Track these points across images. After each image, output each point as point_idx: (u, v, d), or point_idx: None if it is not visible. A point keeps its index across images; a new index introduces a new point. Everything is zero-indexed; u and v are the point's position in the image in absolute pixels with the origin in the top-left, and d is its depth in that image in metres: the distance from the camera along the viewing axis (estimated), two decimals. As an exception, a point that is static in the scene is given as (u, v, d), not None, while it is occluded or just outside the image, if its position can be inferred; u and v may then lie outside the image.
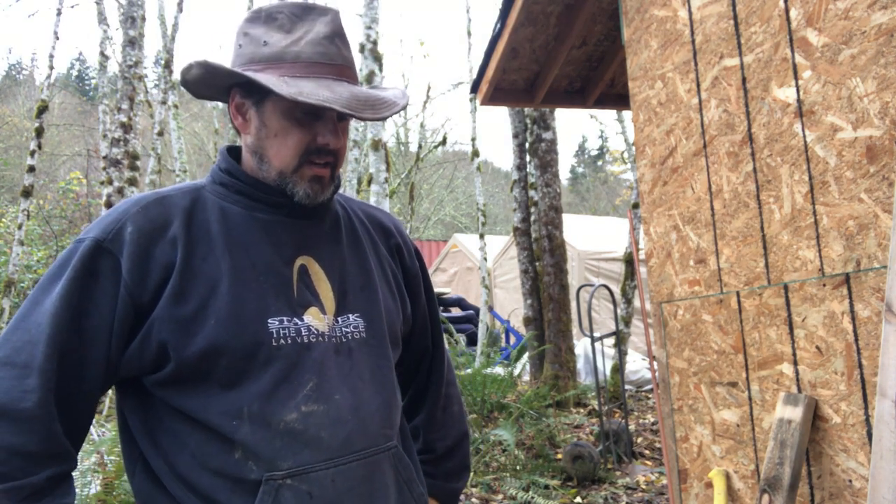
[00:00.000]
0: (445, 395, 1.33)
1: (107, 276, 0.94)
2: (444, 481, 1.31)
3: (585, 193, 34.32)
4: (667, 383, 2.17)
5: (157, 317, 0.94)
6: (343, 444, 0.98)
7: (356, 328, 1.07)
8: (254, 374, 0.96)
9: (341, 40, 1.05)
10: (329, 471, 0.96)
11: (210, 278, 0.97)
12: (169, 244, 0.97)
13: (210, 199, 1.06)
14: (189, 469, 0.96)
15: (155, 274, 0.95)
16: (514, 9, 3.04)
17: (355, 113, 0.96)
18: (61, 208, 12.31)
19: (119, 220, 0.97)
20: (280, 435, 0.95)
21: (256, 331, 0.97)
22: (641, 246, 7.40)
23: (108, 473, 3.09)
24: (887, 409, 1.26)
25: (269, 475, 0.93)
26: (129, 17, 6.19)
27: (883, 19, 1.37)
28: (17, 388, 0.87)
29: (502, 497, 3.98)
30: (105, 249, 0.94)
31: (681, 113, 2.06)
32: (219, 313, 0.95)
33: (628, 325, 6.78)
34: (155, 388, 0.97)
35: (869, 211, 1.41)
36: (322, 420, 0.97)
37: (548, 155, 6.81)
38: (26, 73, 35.96)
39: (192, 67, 1.02)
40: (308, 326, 1.01)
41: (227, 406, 0.95)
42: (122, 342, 0.94)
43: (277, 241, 1.05)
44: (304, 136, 1.02)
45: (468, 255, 13.64)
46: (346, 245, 1.14)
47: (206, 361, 0.94)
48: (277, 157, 1.03)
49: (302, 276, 1.05)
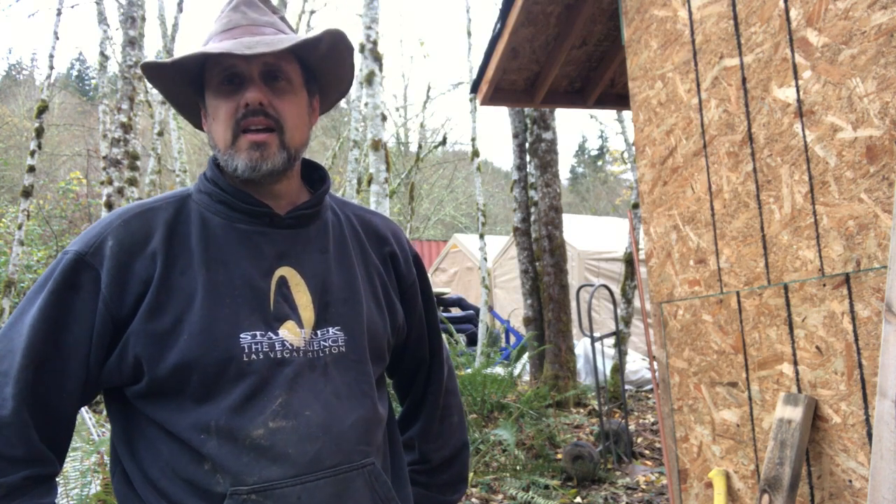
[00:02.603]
0: (444, 406, 1.29)
1: (87, 290, 0.95)
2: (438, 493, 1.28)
3: (585, 193, 34.31)
4: (667, 383, 2.17)
5: (132, 331, 0.95)
6: (312, 460, 0.96)
7: (335, 342, 1.04)
8: (224, 390, 0.96)
9: (248, 6, 1.07)
10: (296, 487, 0.94)
11: (187, 293, 0.97)
12: (149, 258, 0.98)
13: (194, 208, 1.05)
14: (161, 476, 0.96)
15: (133, 288, 0.96)
16: (514, 9, 3.04)
17: (234, 51, 0.96)
18: (61, 208, 12.31)
19: (101, 234, 0.98)
20: (246, 450, 0.94)
21: (228, 346, 0.96)
22: (641, 246, 7.40)
23: (107, 473, 3.10)
24: (887, 409, 1.26)
25: (234, 489, 0.93)
26: (129, 17, 6.19)
27: (883, 19, 1.37)
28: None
29: (502, 497, 3.98)
30: (86, 263, 0.95)
31: (681, 113, 2.05)
32: (192, 328, 0.95)
33: (628, 325, 6.78)
34: (134, 399, 0.99)
35: (869, 211, 1.41)
36: (290, 436, 0.96)
37: (548, 155, 6.81)
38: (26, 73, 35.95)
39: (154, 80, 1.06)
40: (282, 341, 0.99)
41: (195, 420, 0.95)
42: (102, 355, 0.95)
43: (256, 252, 1.03)
44: (231, 104, 1.01)
45: (468, 255, 13.64)
46: (332, 254, 1.11)
47: (178, 376, 0.94)
48: (219, 137, 1.02)
49: (280, 289, 1.03)
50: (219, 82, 1.02)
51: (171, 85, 1.08)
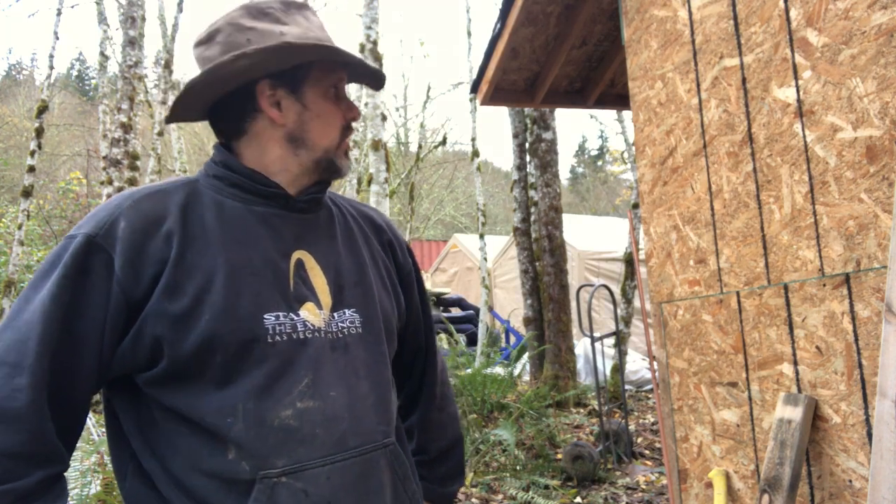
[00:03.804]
0: (441, 395, 1.32)
1: (98, 274, 0.91)
2: (438, 485, 1.30)
3: (585, 193, 34.32)
4: (667, 383, 2.17)
5: (149, 312, 0.92)
6: (338, 441, 0.97)
7: (352, 323, 1.06)
8: (248, 371, 0.95)
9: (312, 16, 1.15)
10: (324, 468, 0.95)
11: (205, 273, 0.95)
12: (163, 239, 0.95)
13: (205, 192, 1.04)
14: (181, 470, 0.94)
15: (148, 270, 0.93)
16: (514, 9, 3.04)
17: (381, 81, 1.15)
18: (61, 208, 12.32)
19: (111, 214, 0.95)
20: (274, 432, 0.94)
21: (252, 327, 0.96)
22: (641, 246, 7.40)
23: (107, 473, 3.09)
24: (887, 409, 1.26)
25: (264, 473, 0.92)
26: (129, 17, 6.19)
27: (883, 19, 1.37)
28: (6, 387, 0.85)
29: (502, 497, 3.98)
30: (97, 245, 0.92)
31: (681, 113, 2.06)
32: (214, 308, 0.94)
33: (628, 325, 6.78)
34: (147, 387, 0.96)
35: (869, 211, 1.41)
36: (317, 417, 0.97)
37: (548, 155, 6.81)
38: (26, 73, 35.96)
39: (241, 58, 0.98)
40: (304, 322, 1.00)
41: (220, 403, 0.93)
42: (115, 339, 0.92)
43: (275, 234, 1.04)
44: (339, 112, 1.09)
45: (468, 255, 13.64)
46: (340, 240, 1.13)
47: (201, 357, 0.93)
48: (324, 137, 1.08)
49: (298, 271, 1.04)
50: (328, 86, 1.08)
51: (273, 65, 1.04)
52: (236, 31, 1.04)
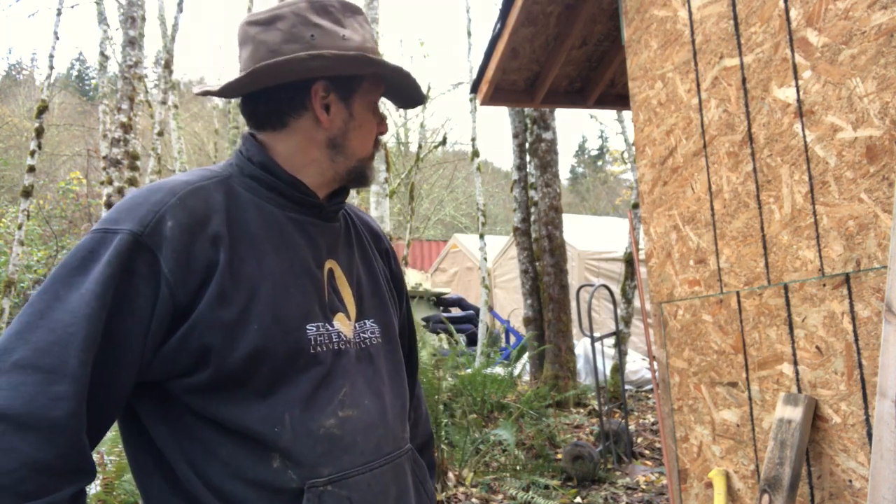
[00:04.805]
0: (417, 396, 1.35)
1: (143, 275, 0.86)
2: None
3: (585, 193, 34.31)
4: (667, 383, 2.17)
5: (199, 319, 0.88)
6: (375, 448, 1.00)
7: (373, 333, 1.09)
8: (291, 380, 0.94)
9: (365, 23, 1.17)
10: (365, 475, 0.98)
11: (251, 281, 0.94)
12: (209, 241, 0.92)
13: (242, 193, 1.01)
14: (221, 479, 0.91)
15: (197, 273, 0.89)
16: (514, 9, 3.04)
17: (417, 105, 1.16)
18: (61, 208, 12.32)
19: (157, 211, 0.90)
20: (320, 440, 0.94)
21: (298, 337, 0.95)
22: (641, 246, 7.40)
23: (108, 473, 3.09)
24: (887, 409, 1.26)
25: (311, 482, 0.92)
26: (129, 17, 6.19)
27: (883, 19, 1.37)
28: (44, 394, 0.77)
29: (502, 497, 3.98)
30: (143, 245, 0.86)
31: (681, 113, 2.06)
32: (262, 318, 0.92)
33: (628, 325, 6.78)
34: (184, 395, 0.91)
35: (869, 211, 1.41)
36: (357, 425, 0.99)
37: (548, 155, 6.81)
38: (26, 73, 35.95)
39: (317, 58, 0.98)
40: (338, 332, 1.02)
41: (266, 413, 0.92)
42: (156, 344, 0.88)
43: (311, 243, 1.04)
44: (374, 123, 1.11)
45: (468, 255, 13.65)
46: (356, 249, 1.15)
47: (248, 367, 0.91)
48: (362, 146, 1.09)
49: (330, 281, 1.05)
50: (373, 100, 1.09)
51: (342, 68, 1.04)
52: (301, 23, 1.02)
